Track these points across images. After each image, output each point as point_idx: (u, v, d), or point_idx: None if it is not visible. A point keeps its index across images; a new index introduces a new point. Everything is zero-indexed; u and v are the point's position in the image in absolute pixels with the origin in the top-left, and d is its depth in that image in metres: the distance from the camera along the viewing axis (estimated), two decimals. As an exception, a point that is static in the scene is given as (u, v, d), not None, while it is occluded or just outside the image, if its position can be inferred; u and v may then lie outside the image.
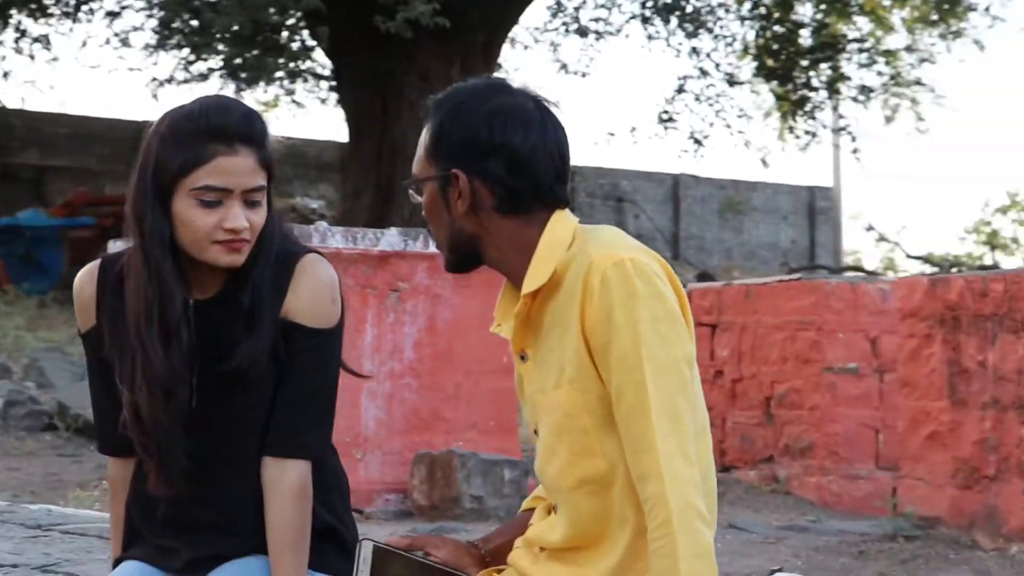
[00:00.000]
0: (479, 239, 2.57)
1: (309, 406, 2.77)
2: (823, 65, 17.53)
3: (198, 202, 2.60)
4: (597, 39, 15.33)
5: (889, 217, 54.27)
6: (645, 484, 2.41)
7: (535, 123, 2.54)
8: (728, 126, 17.36)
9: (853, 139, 17.44)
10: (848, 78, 17.72)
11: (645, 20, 16.71)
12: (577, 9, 14.60)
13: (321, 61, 18.02)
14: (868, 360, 8.65)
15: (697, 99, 17.19)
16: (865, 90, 17.48)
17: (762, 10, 17.24)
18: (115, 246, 7.84)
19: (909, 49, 18.69)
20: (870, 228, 24.44)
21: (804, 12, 17.98)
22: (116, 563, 2.87)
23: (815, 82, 17.53)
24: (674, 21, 16.89)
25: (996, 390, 6.35)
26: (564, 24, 14.54)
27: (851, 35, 18.17)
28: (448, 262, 2.64)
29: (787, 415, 8.71)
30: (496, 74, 16.95)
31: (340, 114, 32.62)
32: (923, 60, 18.62)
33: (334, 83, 18.32)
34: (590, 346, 2.44)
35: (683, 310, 2.47)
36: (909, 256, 22.77)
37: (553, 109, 2.59)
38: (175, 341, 2.67)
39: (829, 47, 17.48)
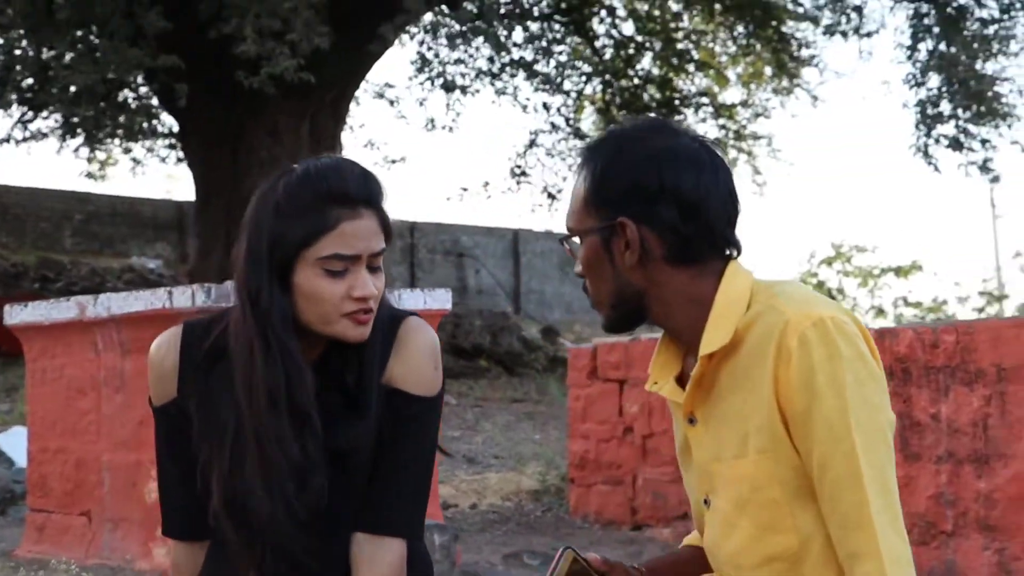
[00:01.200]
0: (645, 294, 2.37)
1: (408, 480, 2.58)
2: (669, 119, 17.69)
3: (324, 272, 2.42)
4: (463, 93, 15.23)
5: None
6: (858, 563, 2.23)
7: (705, 164, 2.34)
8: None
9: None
10: (693, 132, 17.91)
11: (494, 76, 16.66)
12: (444, 64, 14.45)
13: (162, 118, 17.58)
14: (780, 414, 8.61)
15: (549, 153, 17.19)
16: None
17: (606, 65, 17.34)
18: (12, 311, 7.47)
19: (744, 104, 19.00)
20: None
21: (647, 66, 18.15)
22: None
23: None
24: (522, 76, 16.90)
25: (950, 443, 6.32)
26: (430, 79, 14.40)
27: (691, 90, 18.40)
28: (609, 320, 2.43)
29: (701, 471, 8.60)
30: (343, 130, 16.76)
31: (177, 172, 32.10)
32: (758, 115, 18.94)
33: (173, 141, 17.94)
34: (784, 412, 2.26)
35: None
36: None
37: (718, 151, 2.40)
38: (309, 428, 2.46)
39: (672, 102, 17.67)
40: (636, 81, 17.82)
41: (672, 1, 18.03)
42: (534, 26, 16.28)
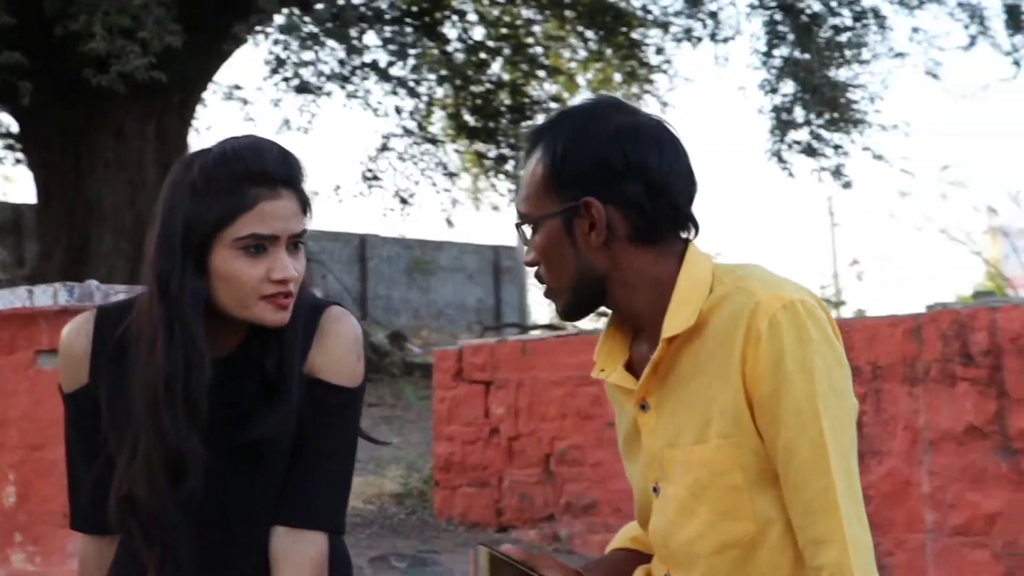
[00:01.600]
0: (607, 276, 2.29)
1: (329, 473, 2.51)
2: (520, 124, 17.69)
3: (242, 253, 2.32)
4: (317, 95, 15.04)
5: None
6: (821, 550, 2.17)
7: (666, 141, 2.30)
8: (434, 184, 17.31)
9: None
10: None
11: (345, 79, 16.51)
12: (298, 65, 14.24)
13: (0, 118, 17.11)
14: (648, 414, 8.61)
15: (401, 157, 17.07)
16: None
17: (457, 70, 17.27)
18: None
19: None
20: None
21: (498, 71, 18.14)
22: None
23: (512, 141, 17.65)
24: (373, 79, 16.77)
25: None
26: (284, 80, 14.18)
27: (542, 96, 18.41)
28: (568, 306, 2.35)
29: (568, 472, 8.58)
30: (191, 131, 16.47)
31: (14, 173, 31.26)
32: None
33: (12, 141, 17.47)
34: (751, 395, 2.20)
35: None
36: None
37: (674, 129, 2.35)
38: (196, 419, 2.35)
39: (523, 108, 17.67)
40: (488, 86, 17.78)
41: (523, 7, 18.04)
42: (387, 29, 16.14)
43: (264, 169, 2.35)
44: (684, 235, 2.34)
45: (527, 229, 2.36)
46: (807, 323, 2.19)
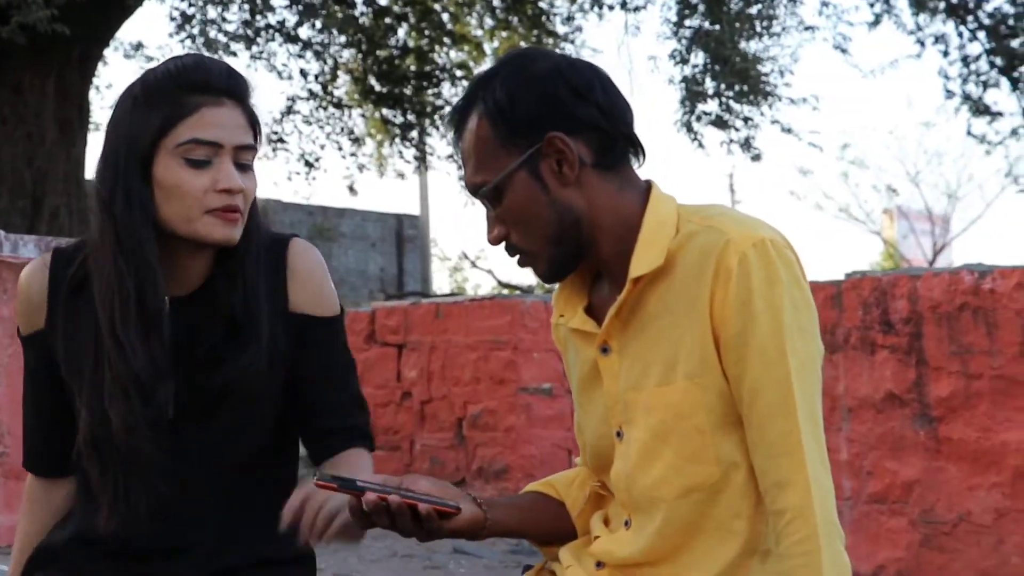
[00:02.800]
0: (582, 219, 2.24)
1: (347, 393, 2.50)
2: (427, 91, 17.58)
3: (185, 161, 2.27)
4: (225, 54, 14.79)
5: (468, 244, 55.60)
6: (783, 493, 2.14)
7: (597, 71, 2.27)
8: (340, 148, 17.14)
9: (459, 166, 17.52)
10: (450, 104, 17.82)
11: (249, 41, 16.27)
12: (204, 23, 14.00)
13: None
14: (561, 380, 8.60)
15: (307, 121, 16.87)
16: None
17: (364, 34, 17.11)
18: None
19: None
20: (464, 256, 24.71)
21: (404, 38, 18.00)
22: None
23: (419, 108, 17.54)
24: (278, 40, 16.56)
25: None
26: (190, 37, 13.93)
27: (448, 63, 18.31)
28: (551, 262, 2.29)
29: (480, 437, 8.54)
30: (91, 89, 16.17)
31: None
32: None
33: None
34: (718, 335, 2.16)
35: None
36: (501, 283, 23.17)
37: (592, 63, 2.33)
38: (156, 335, 2.30)
39: (430, 75, 17.56)
40: (394, 52, 17.63)
41: (429, -28, 17.92)
42: (294, -10, 15.94)
43: (207, 79, 2.31)
44: (636, 163, 2.31)
45: (488, 202, 2.27)
46: (777, 262, 2.16)
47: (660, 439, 2.23)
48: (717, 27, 13.03)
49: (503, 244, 2.30)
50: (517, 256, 2.30)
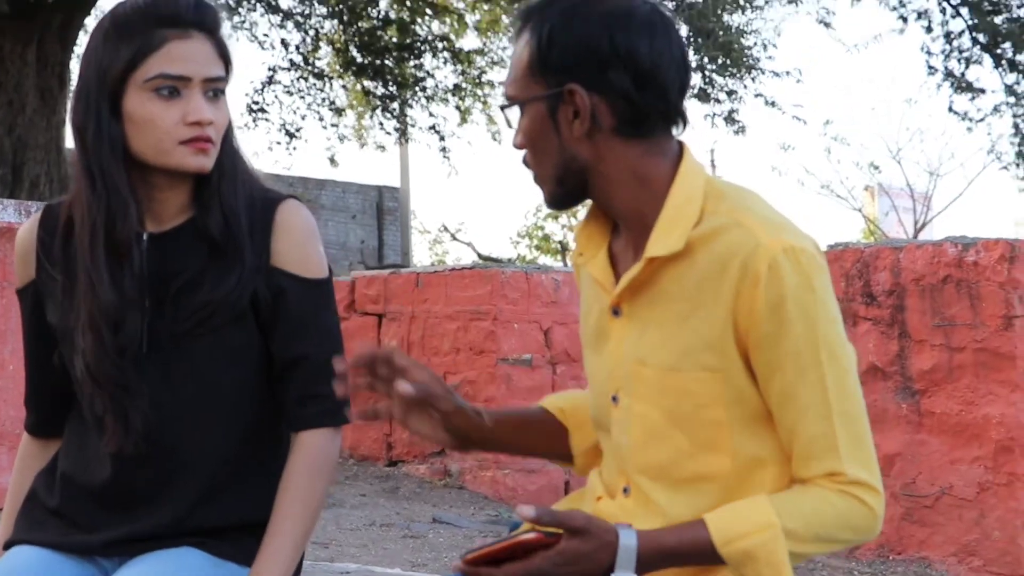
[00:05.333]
0: (590, 169, 2.20)
1: (326, 367, 2.40)
2: (408, 63, 17.50)
3: (155, 94, 2.31)
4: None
5: (448, 216, 55.75)
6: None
7: (658, 27, 2.19)
8: (321, 119, 17.08)
9: (441, 138, 17.49)
10: (432, 76, 17.78)
11: (231, 10, 16.19)
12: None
13: None
14: (541, 351, 8.57)
15: (288, 91, 16.81)
16: (451, 90, 17.56)
17: (345, 5, 17.03)
18: None
19: (482, 52, 18.92)
20: (444, 229, 24.67)
21: (386, 9, 17.91)
22: (6, 546, 2.49)
23: (400, 79, 17.47)
24: (260, 10, 16.48)
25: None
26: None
27: (429, 35, 18.24)
28: (553, 196, 2.26)
29: (460, 407, 8.51)
30: (72, 58, 16.07)
31: None
32: (495, 63, 18.90)
33: None
34: (743, 334, 2.13)
35: None
36: (481, 256, 23.14)
37: (669, 14, 2.24)
38: (126, 264, 2.35)
39: (412, 46, 17.49)
40: (375, 22, 17.54)
41: (411, -57, 17.83)
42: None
43: (175, 11, 2.32)
44: (675, 130, 2.26)
45: (514, 112, 2.26)
46: (809, 272, 2.11)
47: (674, 422, 2.20)
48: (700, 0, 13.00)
49: (522, 156, 2.28)
50: (531, 172, 2.29)
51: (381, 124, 17.64)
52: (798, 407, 2.12)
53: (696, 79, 13.75)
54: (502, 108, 2.28)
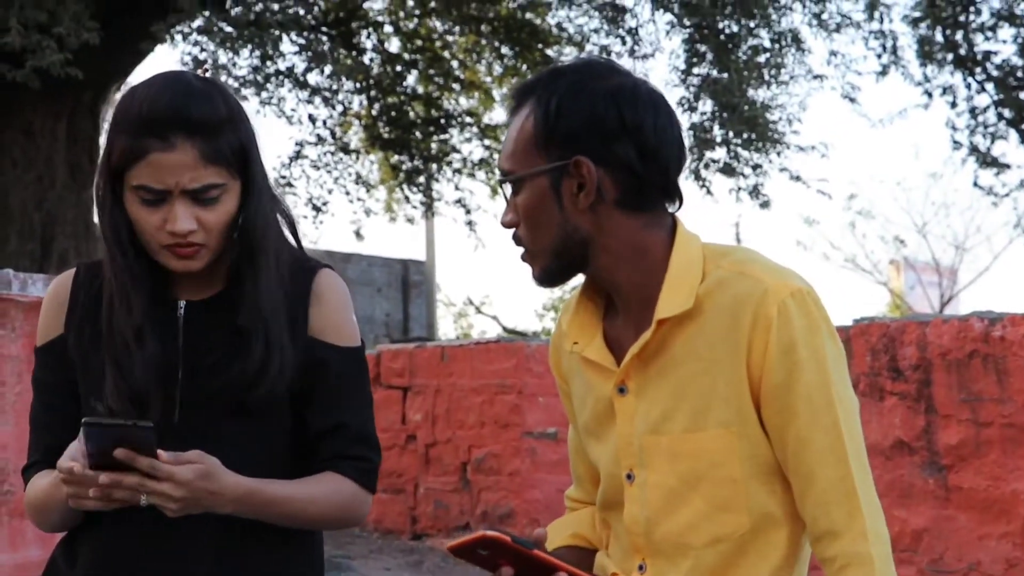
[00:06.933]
0: (591, 241, 2.22)
1: (363, 436, 2.48)
2: (435, 137, 17.60)
3: (141, 200, 2.33)
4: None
5: (473, 290, 56.00)
6: (837, 540, 2.13)
7: (661, 106, 2.23)
8: (347, 193, 17.16)
9: (468, 211, 17.55)
10: (458, 150, 17.87)
11: (259, 86, 16.33)
12: (215, 68, 14.05)
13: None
14: (566, 425, 8.56)
15: (315, 165, 16.90)
16: (478, 164, 17.65)
17: (373, 80, 17.16)
18: None
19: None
20: (470, 302, 24.70)
21: (413, 84, 18.05)
22: None
23: (427, 154, 17.56)
24: (288, 86, 16.61)
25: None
26: (201, 81, 13.94)
27: (457, 109, 18.34)
28: (546, 271, 2.27)
29: (485, 481, 8.51)
30: (102, 133, 16.21)
31: None
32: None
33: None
34: (757, 384, 2.15)
35: None
36: (506, 330, 23.12)
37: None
38: (141, 349, 2.35)
39: (439, 120, 17.59)
40: (403, 98, 17.67)
41: (438, 20, 17.96)
42: (304, 37, 15.99)
43: (161, 119, 2.30)
44: (671, 207, 2.29)
45: (508, 187, 2.28)
46: (815, 313, 2.15)
47: (689, 486, 2.21)
48: (725, 75, 13.03)
49: (512, 232, 2.30)
50: (520, 249, 2.30)
51: (407, 198, 17.72)
52: (815, 451, 2.13)
53: (721, 153, 13.79)
54: (500, 183, 2.30)
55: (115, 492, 2.22)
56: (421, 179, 17.52)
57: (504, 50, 17.92)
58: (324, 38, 16.69)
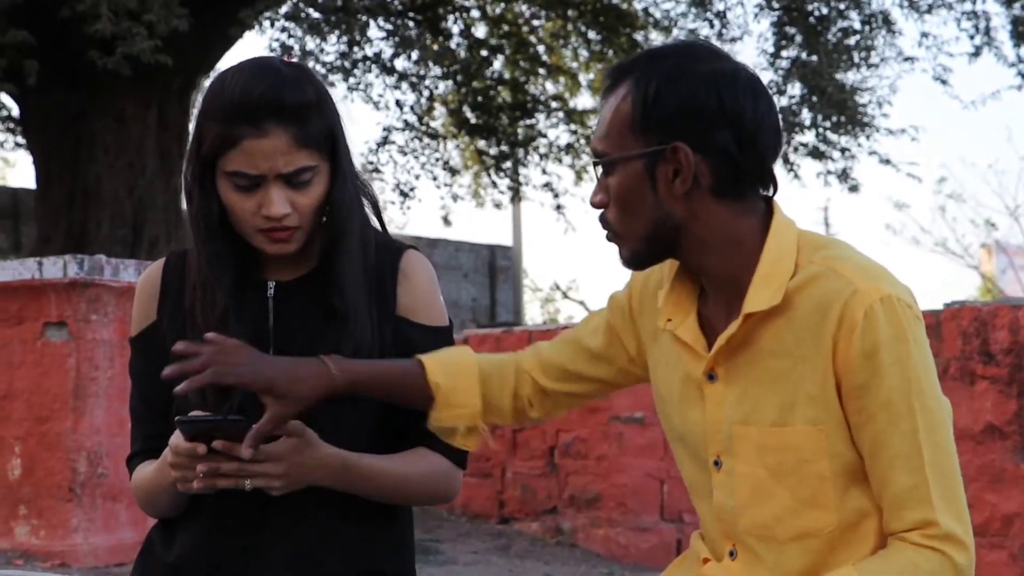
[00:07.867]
0: (683, 228, 2.20)
1: None
2: (521, 122, 17.60)
3: (234, 186, 2.36)
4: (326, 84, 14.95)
5: (559, 275, 56.13)
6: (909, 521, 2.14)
7: (760, 92, 2.20)
8: (435, 179, 17.22)
9: (555, 195, 17.54)
10: (545, 135, 17.86)
11: (347, 72, 16.41)
12: (303, 54, 14.14)
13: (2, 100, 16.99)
14: (653, 409, 8.54)
15: (402, 151, 16.97)
16: (565, 149, 17.63)
17: (460, 66, 17.20)
18: None
19: (595, 112, 18.98)
20: (557, 287, 24.68)
21: (500, 69, 18.06)
22: None
23: (513, 139, 17.57)
24: (375, 72, 16.68)
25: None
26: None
27: (543, 94, 18.33)
28: (636, 254, 2.26)
29: (572, 465, 8.52)
30: (191, 119, 16.36)
31: (12, 157, 31.21)
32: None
33: (12, 125, 17.36)
34: (840, 383, 2.13)
35: None
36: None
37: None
38: (226, 333, 2.37)
39: (525, 105, 17.59)
40: (489, 83, 17.69)
41: (524, 5, 17.96)
42: (391, 23, 16.06)
43: (252, 107, 2.33)
44: (765, 193, 2.27)
45: (599, 168, 2.27)
46: (904, 321, 2.12)
47: (776, 479, 2.20)
48: (814, 58, 12.93)
49: (599, 213, 2.28)
50: (606, 231, 2.29)
51: (494, 183, 17.74)
52: (889, 456, 2.12)
53: (810, 137, 13.70)
54: (594, 165, 2.28)
55: (219, 482, 2.26)
56: (508, 164, 17.53)
57: (591, 35, 17.89)
58: (411, 23, 16.74)
